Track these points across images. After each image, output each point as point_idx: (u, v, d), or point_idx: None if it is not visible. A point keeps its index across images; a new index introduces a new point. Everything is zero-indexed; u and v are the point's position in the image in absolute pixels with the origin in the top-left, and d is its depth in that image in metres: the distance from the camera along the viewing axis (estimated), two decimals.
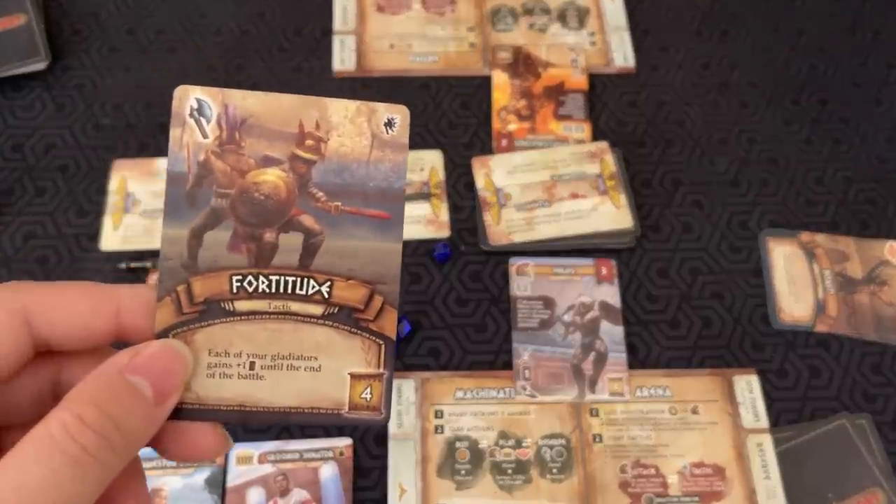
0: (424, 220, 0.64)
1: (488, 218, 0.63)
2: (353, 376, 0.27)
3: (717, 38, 0.75)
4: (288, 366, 0.27)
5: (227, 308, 0.27)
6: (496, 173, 0.65)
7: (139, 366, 0.25)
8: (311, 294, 0.27)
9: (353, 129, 0.28)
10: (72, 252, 0.62)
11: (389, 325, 0.28)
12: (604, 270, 0.62)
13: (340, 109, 0.27)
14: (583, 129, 0.69)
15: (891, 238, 0.65)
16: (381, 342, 0.28)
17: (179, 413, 0.26)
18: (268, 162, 0.27)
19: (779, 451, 0.56)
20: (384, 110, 0.28)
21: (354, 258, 0.27)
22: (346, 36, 0.73)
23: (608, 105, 0.71)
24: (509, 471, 0.55)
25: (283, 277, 0.27)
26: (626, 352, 0.59)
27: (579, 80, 0.71)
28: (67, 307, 0.26)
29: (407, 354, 0.59)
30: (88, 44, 0.72)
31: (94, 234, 0.62)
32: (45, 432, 0.22)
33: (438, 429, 0.56)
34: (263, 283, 0.27)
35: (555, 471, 0.55)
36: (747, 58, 0.74)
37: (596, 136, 0.69)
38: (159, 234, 0.63)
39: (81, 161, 0.66)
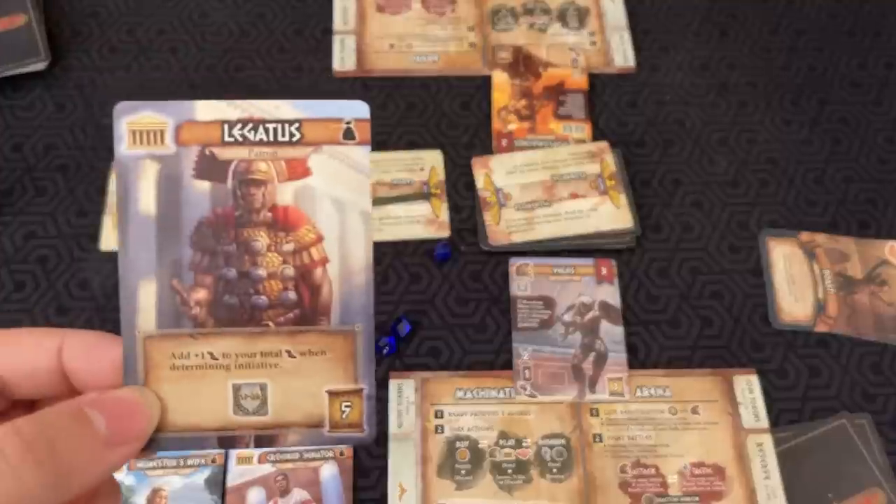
0: (424, 220, 0.64)
1: (488, 218, 0.63)
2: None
3: (717, 38, 0.75)
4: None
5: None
6: (496, 173, 0.65)
7: (100, 401, 0.24)
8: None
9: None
10: (72, 252, 0.62)
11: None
12: (604, 270, 0.62)
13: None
14: (583, 129, 0.69)
15: (891, 238, 0.65)
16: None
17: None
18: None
19: (779, 451, 0.56)
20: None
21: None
22: (346, 36, 0.73)
23: (608, 105, 0.71)
24: (509, 471, 0.55)
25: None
26: (626, 352, 0.59)
27: (579, 80, 0.71)
28: (14, 343, 0.25)
29: (407, 354, 0.59)
30: (88, 44, 0.72)
31: (94, 234, 0.62)
32: None
33: (438, 429, 0.56)
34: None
35: (555, 471, 0.55)
36: (747, 58, 0.74)
37: (596, 136, 0.69)
38: None
39: (81, 161, 0.66)
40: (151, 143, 0.26)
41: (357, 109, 0.27)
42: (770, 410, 0.57)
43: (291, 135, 0.26)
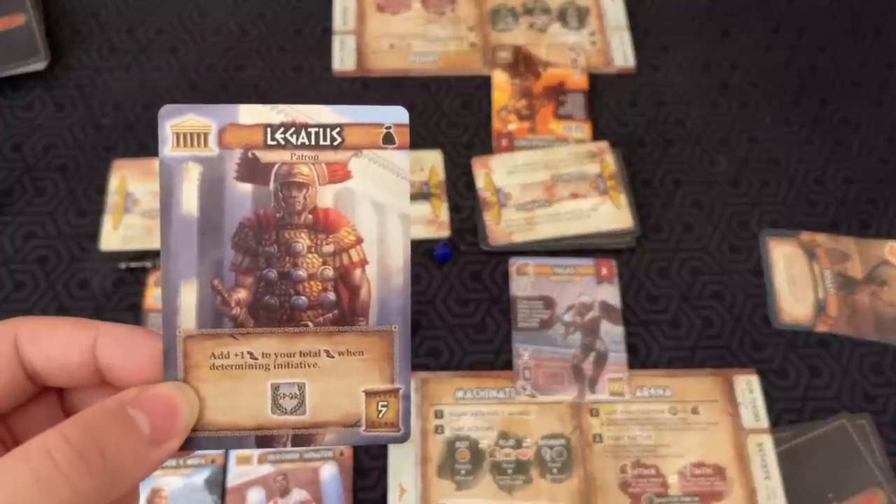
0: (424, 220, 0.64)
1: (488, 218, 0.63)
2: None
3: (717, 38, 0.75)
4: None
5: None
6: (496, 173, 0.65)
7: (141, 401, 0.24)
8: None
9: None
10: (72, 252, 0.62)
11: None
12: (604, 270, 0.62)
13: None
14: (583, 129, 0.69)
15: (891, 238, 0.65)
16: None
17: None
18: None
19: (779, 451, 0.56)
20: None
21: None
22: (346, 36, 0.73)
23: (608, 105, 0.71)
24: (509, 471, 0.55)
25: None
26: (626, 352, 0.59)
27: (579, 80, 0.71)
28: (49, 335, 0.25)
29: None
30: (88, 44, 0.72)
31: (94, 234, 0.62)
32: (24, 447, 0.21)
33: (438, 429, 0.56)
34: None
35: (555, 471, 0.55)
36: (747, 58, 0.74)
37: (596, 136, 0.69)
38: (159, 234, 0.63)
39: (81, 161, 0.66)
40: (195, 145, 0.27)
41: (397, 115, 0.28)
42: (770, 410, 0.57)
43: (332, 139, 0.27)
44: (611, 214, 0.63)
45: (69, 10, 0.74)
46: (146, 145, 0.67)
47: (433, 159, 0.67)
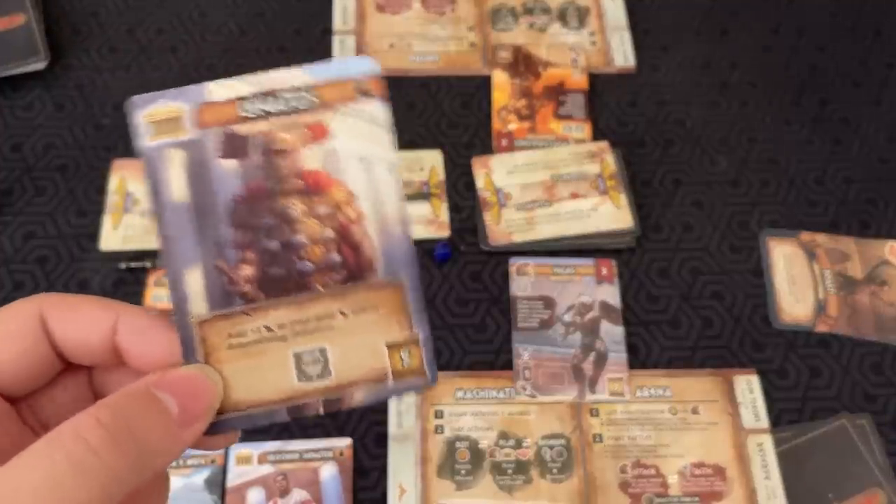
0: (424, 220, 0.64)
1: (488, 218, 0.63)
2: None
3: (716, 37, 0.75)
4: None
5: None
6: (496, 173, 0.65)
7: (167, 382, 0.24)
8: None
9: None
10: (71, 252, 0.62)
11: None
12: (604, 270, 0.62)
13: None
14: (583, 129, 0.69)
15: (891, 238, 0.65)
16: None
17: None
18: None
19: (779, 451, 0.56)
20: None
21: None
22: (346, 36, 0.73)
23: (608, 105, 0.71)
24: (509, 471, 0.55)
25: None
26: (627, 352, 0.59)
27: (579, 80, 0.71)
28: (73, 314, 0.25)
29: None
30: (88, 44, 0.72)
31: (94, 234, 0.62)
32: (56, 431, 0.21)
33: (438, 429, 0.56)
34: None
35: (555, 471, 0.55)
36: (747, 57, 0.74)
37: (596, 136, 0.69)
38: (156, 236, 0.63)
39: (81, 161, 0.66)
40: (172, 131, 0.26)
41: (367, 65, 0.27)
42: (770, 411, 0.57)
43: (307, 102, 0.27)
44: (611, 214, 0.63)
45: (69, 10, 0.74)
46: None
47: (433, 159, 0.67)
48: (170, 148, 0.26)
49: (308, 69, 0.27)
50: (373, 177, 0.27)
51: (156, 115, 0.26)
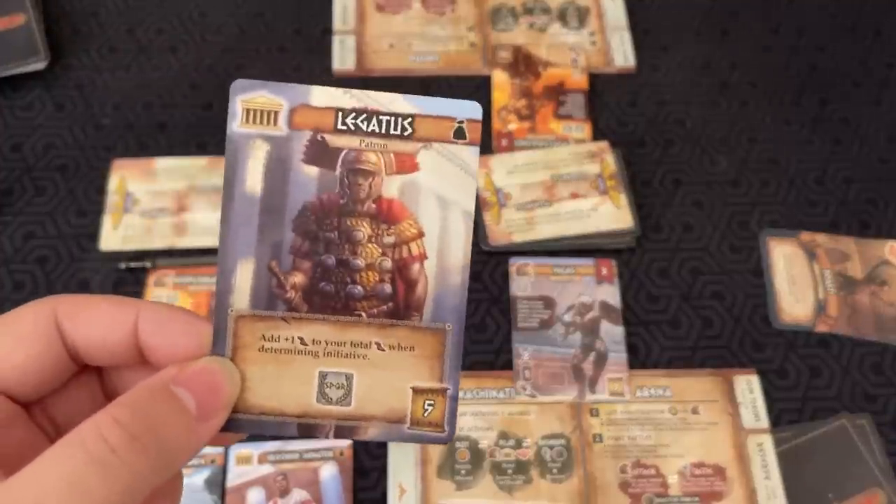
0: None
1: (488, 218, 0.63)
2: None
3: (717, 38, 0.75)
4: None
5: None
6: (496, 173, 0.65)
7: (184, 378, 0.24)
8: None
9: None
10: (71, 252, 0.62)
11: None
12: (604, 270, 0.62)
13: None
14: (583, 129, 0.69)
15: (891, 238, 0.65)
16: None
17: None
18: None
19: (779, 451, 0.56)
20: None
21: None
22: (346, 36, 0.73)
23: (608, 105, 0.71)
24: (509, 471, 0.55)
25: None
26: (627, 352, 0.59)
27: (579, 80, 0.71)
28: (90, 315, 0.25)
29: None
30: (88, 44, 0.72)
31: (94, 234, 0.62)
32: (75, 432, 0.21)
33: None
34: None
35: (555, 471, 0.55)
36: (747, 58, 0.74)
37: (596, 136, 0.69)
38: (157, 232, 0.63)
39: (81, 161, 0.66)
40: (264, 123, 0.26)
41: (470, 109, 0.27)
42: (770, 410, 0.57)
43: (403, 129, 0.26)
44: (611, 214, 0.63)
45: (69, 10, 0.74)
46: (146, 145, 0.67)
47: None
48: (257, 139, 0.26)
49: (412, 99, 0.26)
50: (446, 220, 0.27)
51: (253, 103, 0.26)
